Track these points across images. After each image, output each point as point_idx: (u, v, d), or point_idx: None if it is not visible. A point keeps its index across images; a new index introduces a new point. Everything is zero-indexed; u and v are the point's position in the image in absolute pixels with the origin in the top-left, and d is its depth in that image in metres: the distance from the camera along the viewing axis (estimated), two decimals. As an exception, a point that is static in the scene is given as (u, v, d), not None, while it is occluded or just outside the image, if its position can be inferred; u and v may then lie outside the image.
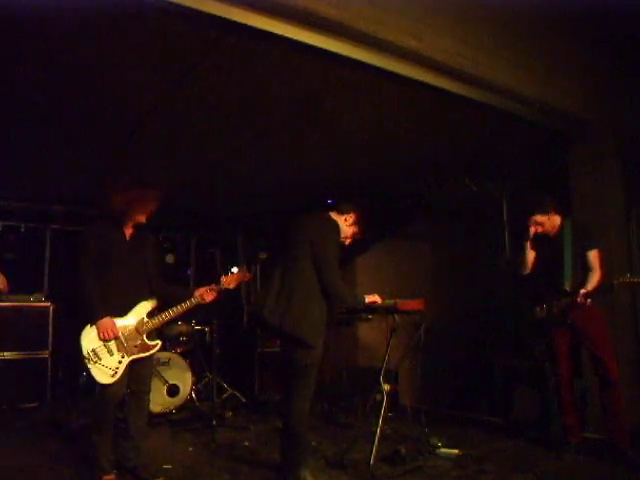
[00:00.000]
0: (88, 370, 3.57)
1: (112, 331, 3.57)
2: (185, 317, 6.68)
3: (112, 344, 3.59)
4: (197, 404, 6.11)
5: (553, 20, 4.56)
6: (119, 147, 5.19)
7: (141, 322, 3.70)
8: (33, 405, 5.95)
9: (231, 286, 3.99)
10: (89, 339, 3.59)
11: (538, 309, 4.33)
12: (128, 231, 3.83)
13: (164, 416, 5.77)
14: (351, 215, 3.85)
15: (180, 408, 5.98)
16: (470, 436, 4.86)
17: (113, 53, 3.52)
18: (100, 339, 3.57)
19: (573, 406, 4.30)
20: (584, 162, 5.07)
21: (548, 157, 5.41)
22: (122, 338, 3.62)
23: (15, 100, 4.16)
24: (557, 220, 4.33)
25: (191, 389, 6.10)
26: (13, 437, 4.94)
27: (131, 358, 3.63)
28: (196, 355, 6.75)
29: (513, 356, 5.49)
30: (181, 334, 6.49)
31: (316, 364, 3.61)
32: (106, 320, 3.57)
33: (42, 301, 6.30)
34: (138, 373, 3.72)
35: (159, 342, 3.77)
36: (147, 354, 3.71)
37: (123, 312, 3.69)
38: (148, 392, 3.84)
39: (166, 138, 5.04)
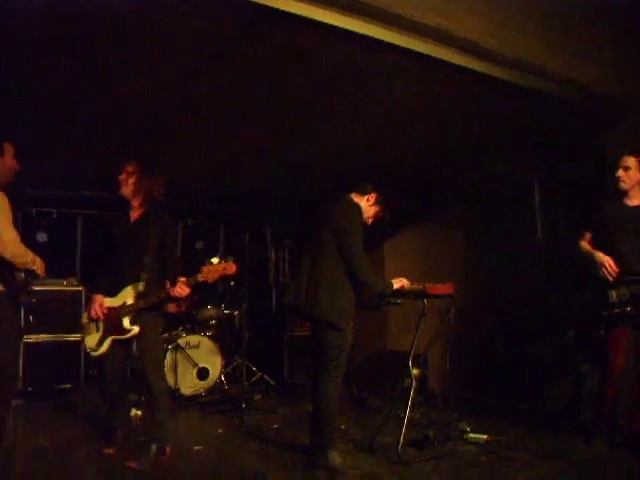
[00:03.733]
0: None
1: (99, 310, 3.80)
2: (214, 300, 6.77)
3: (97, 323, 3.84)
4: (226, 387, 6.17)
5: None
6: (147, 134, 5.22)
7: (123, 305, 3.79)
8: (67, 386, 6.07)
9: (210, 279, 3.75)
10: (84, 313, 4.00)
11: (614, 292, 3.75)
12: (134, 215, 3.97)
13: (194, 399, 5.86)
14: (372, 195, 3.92)
15: (210, 391, 6.06)
16: (499, 422, 4.82)
17: (135, 44, 3.51)
18: (88, 317, 3.88)
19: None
20: (622, 144, 4.92)
21: (583, 139, 5.26)
22: (104, 319, 3.83)
23: (47, 93, 4.21)
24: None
25: (221, 372, 6.17)
26: (48, 417, 5.07)
27: (111, 338, 3.79)
28: (225, 338, 6.82)
29: (543, 343, 5.42)
30: (211, 318, 6.55)
31: (346, 347, 3.64)
32: (96, 297, 3.86)
33: (75, 285, 6.41)
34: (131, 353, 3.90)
35: (136, 328, 3.75)
36: (123, 337, 3.79)
37: (114, 292, 3.84)
38: (143, 369, 3.83)
39: (196, 123, 5.04)
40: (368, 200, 3.90)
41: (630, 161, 3.92)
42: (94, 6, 3.04)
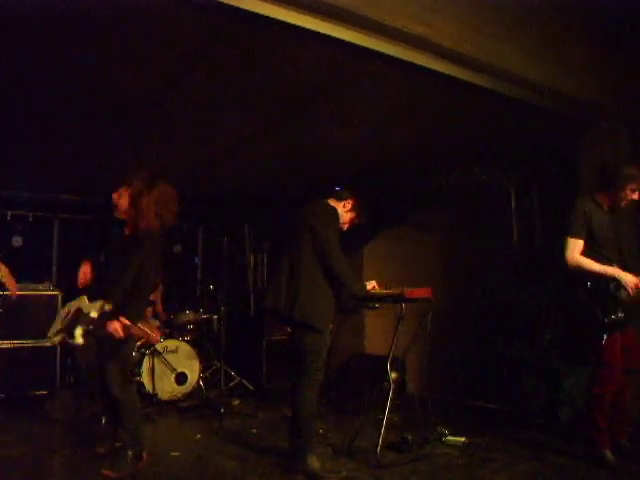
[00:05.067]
0: None
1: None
2: (192, 305, 6.74)
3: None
4: (205, 392, 6.14)
5: (562, 5, 4.50)
6: (126, 136, 5.19)
7: (85, 314, 3.67)
8: (43, 392, 5.98)
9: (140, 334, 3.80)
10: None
11: (624, 291, 3.61)
12: (126, 231, 3.81)
13: (172, 404, 5.80)
14: (349, 201, 3.96)
15: (188, 396, 6.01)
16: (477, 424, 4.87)
17: (119, 41, 3.51)
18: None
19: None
20: (594, 151, 5.01)
21: (557, 145, 5.35)
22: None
23: (24, 93, 4.17)
24: None
25: (199, 377, 6.13)
26: (24, 424, 4.99)
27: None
28: (204, 343, 6.79)
29: (520, 345, 5.48)
30: (189, 322, 6.51)
31: (324, 348, 3.67)
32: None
33: (50, 290, 6.32)
34: None
35: (81, 341, 3.63)
36: (68, 340, 3.75)
37: (93, 298, 3.71)
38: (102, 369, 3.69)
39: (173, 127, 5.03)
40: (345, 206, 3.94)
41: None
42: (91, 6, 3.04)
